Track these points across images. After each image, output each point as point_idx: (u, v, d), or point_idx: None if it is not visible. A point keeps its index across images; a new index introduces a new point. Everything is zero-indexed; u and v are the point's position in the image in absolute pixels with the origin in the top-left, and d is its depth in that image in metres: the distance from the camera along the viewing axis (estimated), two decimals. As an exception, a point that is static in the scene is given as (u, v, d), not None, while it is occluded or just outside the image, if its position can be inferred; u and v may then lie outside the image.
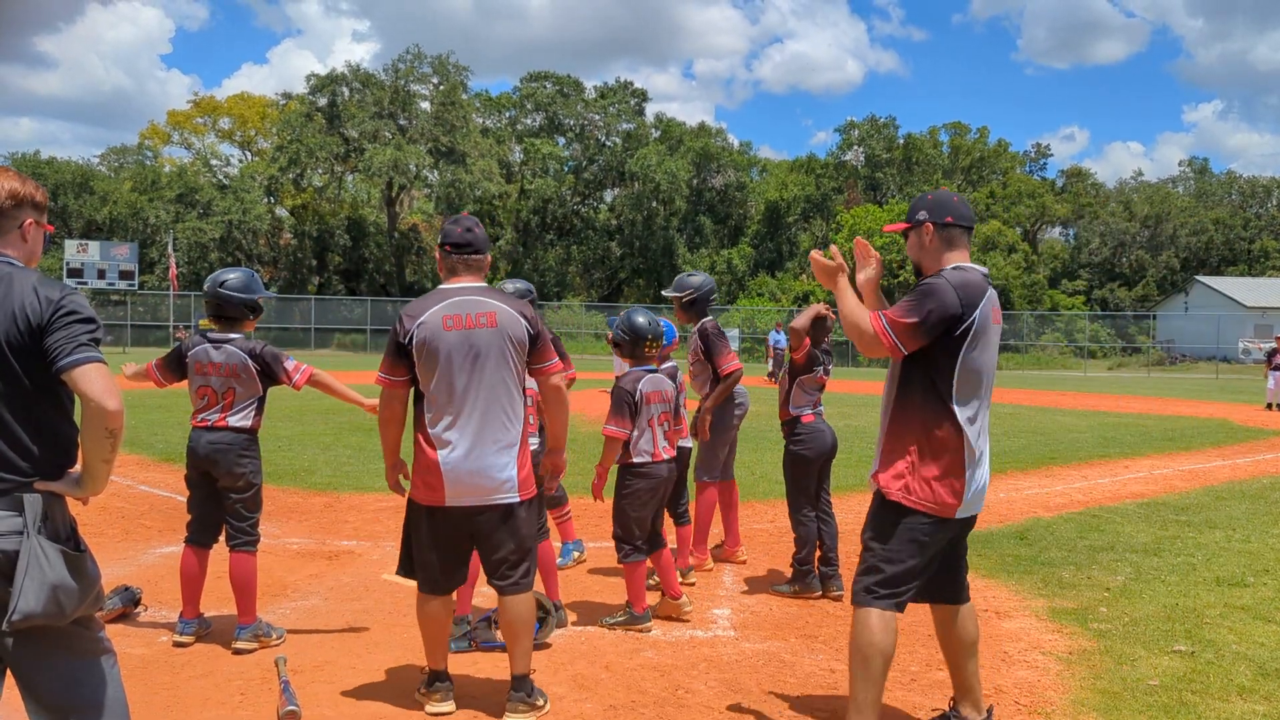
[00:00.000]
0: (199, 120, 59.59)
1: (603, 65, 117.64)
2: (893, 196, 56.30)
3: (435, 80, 54.35)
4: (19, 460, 2.27)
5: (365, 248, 55.92)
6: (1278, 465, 11.14)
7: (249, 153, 60.83)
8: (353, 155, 52.67)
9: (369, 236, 55.90)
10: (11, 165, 12.35)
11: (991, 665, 4.20)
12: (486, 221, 52.74)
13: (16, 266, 2.38)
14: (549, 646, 4.43)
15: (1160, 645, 4.52)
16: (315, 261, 55.57)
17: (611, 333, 4.90)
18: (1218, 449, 12.76)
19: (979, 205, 55.21)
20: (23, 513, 2.25)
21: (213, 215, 49.97)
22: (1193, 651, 4.42)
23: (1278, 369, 20.11)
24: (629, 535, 4.67)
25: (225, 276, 4.48)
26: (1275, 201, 64.36)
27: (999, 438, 13.09)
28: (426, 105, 54.34)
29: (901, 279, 40.30)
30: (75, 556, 2.29)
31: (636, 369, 4.72)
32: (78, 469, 2.33)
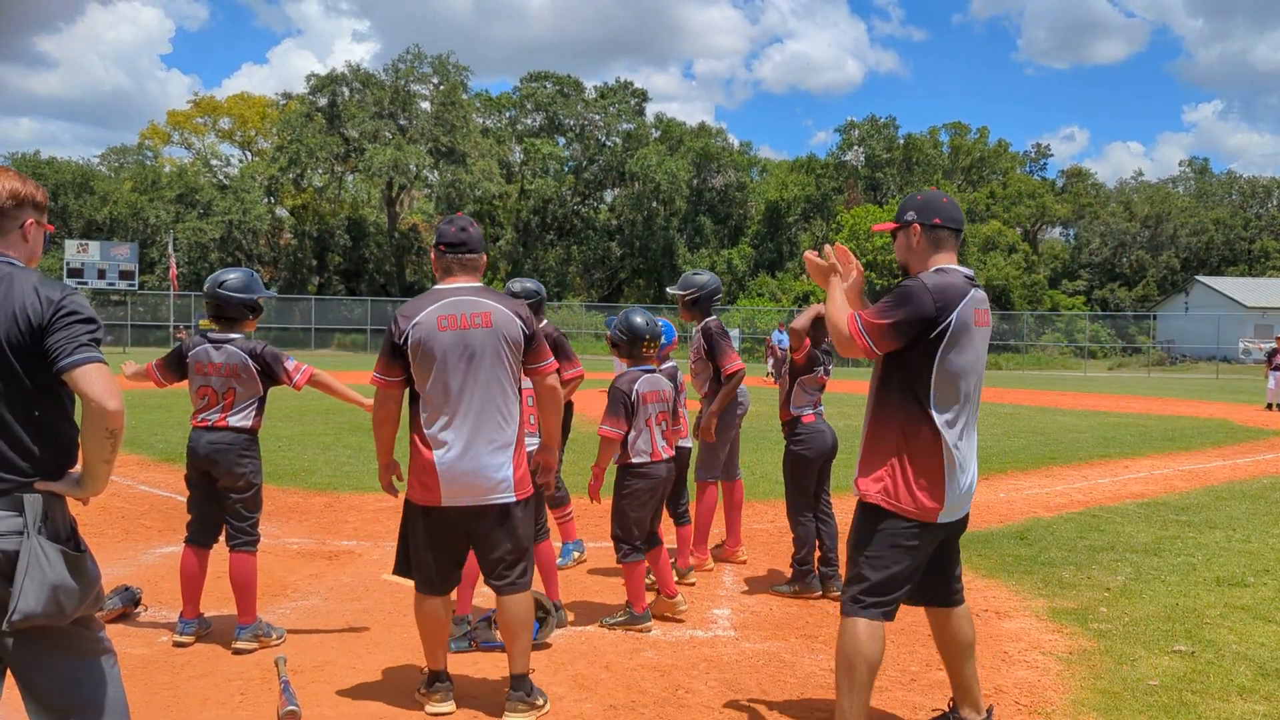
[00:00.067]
0: (199, 120, 59.64)
1: (603, 65, 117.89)
2: (893, 196, 56.24)
3: (435, 80, 54.38)
4: (19, 460, 2.27)
5: (365, 248, 55.93)
6: (1278, 465, 11.14)
7: (249, 153, 60.88)
8: (353, 155, 52.68)
9: (369, 237, 55.92)
10: (11, 165, 12.32)
11: (991, 665, 4.21)
12: (487, 222, 52.78)
13: (17, 267, 2.38)
14: (549, 646, 4.44)
15: (1160, 645, 4.52)
16: (315, 261, 55.59)
17: (610, 333, 4.90)
18: (1218, 449, 12.76)
19: (979, 205, 55.22)
20: (23, 513, 2.25)
21: (213, 215, 50.00)
22: (1193, 651, 4.42)
23: (1278, 369, 20.13)
24: (628, 535, 4.67)
25: (225, 277, 4.48)
26: (1275, 201, 64.36)
27: (999, 438, 13.13)
28: (426, 105, 54.38)
29: (902, 279, 40.25)
30: (75, 556, 2.30)
31: (634, 369, 4.72)
32: (78, 469, 2.33)
